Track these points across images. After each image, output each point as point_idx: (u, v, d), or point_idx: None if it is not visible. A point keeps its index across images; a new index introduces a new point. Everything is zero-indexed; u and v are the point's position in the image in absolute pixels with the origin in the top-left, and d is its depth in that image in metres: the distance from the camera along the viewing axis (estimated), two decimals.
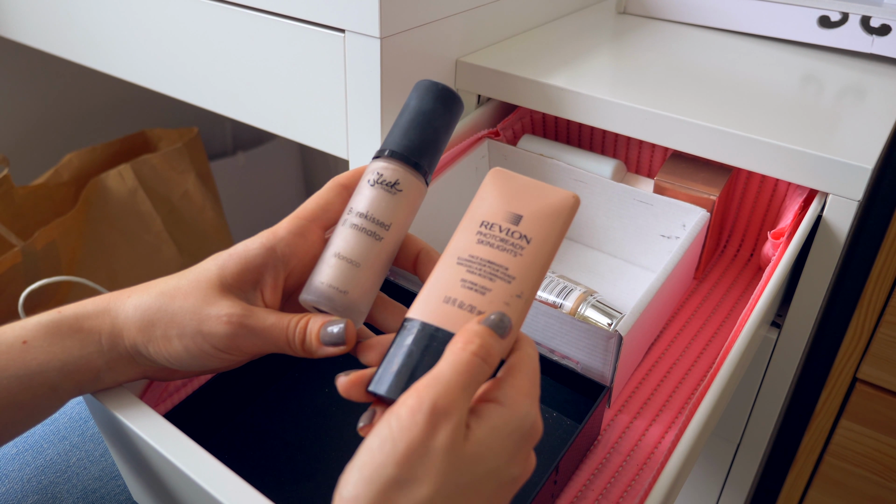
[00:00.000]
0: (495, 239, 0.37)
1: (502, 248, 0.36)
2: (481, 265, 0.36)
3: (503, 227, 0.37)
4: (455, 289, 0.36)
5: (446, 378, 0.31)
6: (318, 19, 0.64)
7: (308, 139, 0.73)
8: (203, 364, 0.39)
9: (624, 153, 0.76)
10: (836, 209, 0.58)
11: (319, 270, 0.40)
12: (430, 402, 0.30)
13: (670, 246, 0.65)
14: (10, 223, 1.03)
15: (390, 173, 0.41)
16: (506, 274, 0.36)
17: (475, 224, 0.37)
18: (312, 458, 0.48)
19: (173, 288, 0.39)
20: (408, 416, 0.30)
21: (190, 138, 1.20)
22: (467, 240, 0.37)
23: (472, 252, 0.36)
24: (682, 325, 0.63)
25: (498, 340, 0.34)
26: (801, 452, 0.80)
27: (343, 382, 0.34)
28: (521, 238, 0.37)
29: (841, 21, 0.78)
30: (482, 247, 0.37)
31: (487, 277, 0.36)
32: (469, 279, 0.36)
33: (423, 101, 0.43)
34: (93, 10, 0.83)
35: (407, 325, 0.35)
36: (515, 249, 0.36)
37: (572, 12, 0.90)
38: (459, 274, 0.36)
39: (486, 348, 0.33)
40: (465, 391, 0.32)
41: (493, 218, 0.37)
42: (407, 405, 0.31)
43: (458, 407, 0.31)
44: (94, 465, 0.53)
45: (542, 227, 0.37)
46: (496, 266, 0.36)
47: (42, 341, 0.38)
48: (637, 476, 0.49)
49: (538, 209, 0.37)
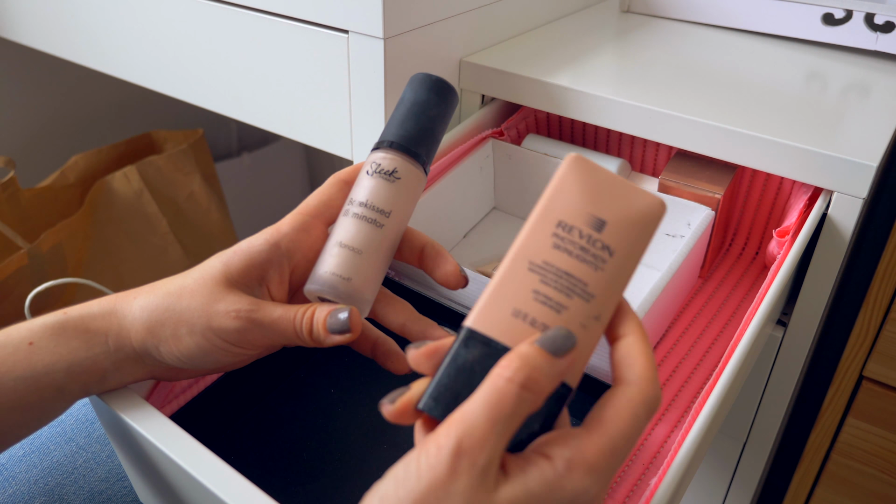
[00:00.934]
0: (574, 246, 0.31)
1: (582, 259, 0.31)
2: (557, 276, 0.31)
3: (584, 232, 0.32)
4: (527, 301, 0.31)
5: (474, 413, 0.28)
6: (321, 20, 0.64)
7: (312, 140, 0.73)
8: (216, 360, 0.40)
9: (628, 152, 0.76)
10: (841, 207, 0.58)
11: (323, 260, 0.41)
12: (455, 441, 0.27)
13: (675, 244, 0.65)
14: (17, 225, 1.04)
15: (388, 162, 0.42)
16: (584, 291, 0.31)
17: (551, 223, 0.32)
18: (318, 459, 0.49)
19: (179, 287, 0.39)
20: (435, 454, 0.27)
21: (195, 140, 1.20)
22: (541, 242, 0.32)
23: (548, 258, 0.31)
24: (688, 323, 0.63)
25: (551, 363, 0.29)
26: (808, 450, 0.80)
27: (390, 411, 0.31)
28: (603, 249, 0.31)
29: (845, 18, 0.78)
30: (559, 253, 0.31)
31: (564, 293, 0.31)
32: (543, 292, 0.31)
33: (418, 92, 0.44)
34: (97, 12, 0.83)
35: (466, 337, 0.31)
36: (597, 262, 0.31)
37: (576, 11, 0.90)
38: (532, 283, 0.31)
39: (527, 372, 0.29)
40: (494, 427, 0.28)
41: (573, 220, 0.32)
42: (437, 441, 0.28)
43: (486, 447, 0.27)
44: (101, 467, 0.53)
45: (627, 237, 0.32)
46: (575, 280, 0.31)
47: (48, 343, 0.38)
48: (643, 475, 0.49)
49: (624, 215, 0.32)
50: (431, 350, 0.32)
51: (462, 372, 0.30)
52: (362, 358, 0.55)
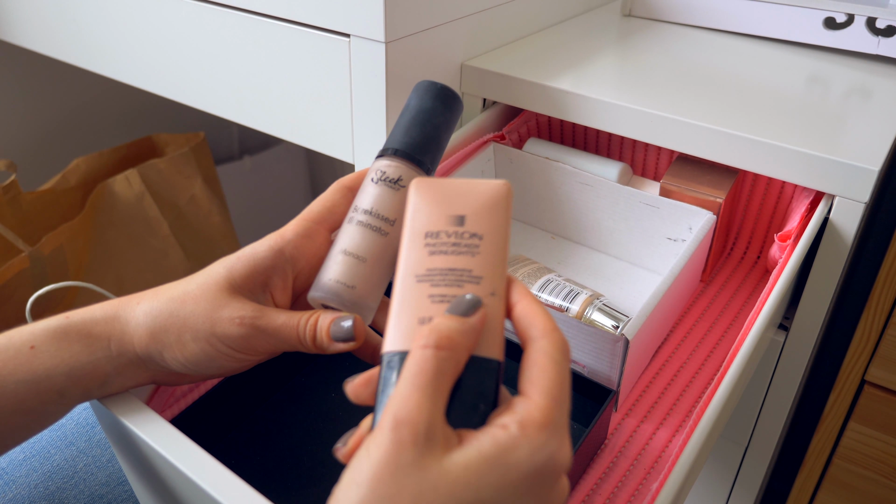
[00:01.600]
0: (447, 245, 0.34)
1: (458, 252, 0.34)
2: (443, 275, 0.33)
3: (450, 231, 0.34)
4: (426, 307, 0.33)
5: (401, 387, 0.29)
6: (323, 24, 0.64)
7: (313, 144, 0.73)
8: (220, 365, 0.40)
9: (630, 156, 0.76)
10: (843, 211, 0.58)
11: (326, 268, 0.41)
12: (391, 417, 0.28)
13: (677, 249, 0.64)
14: (18, 228, 1.04)
15: (393, 170, 0.42)
16: (471, 276, 0.33)
17: (419, 238, 0.34)
18: (318, 463, 0.48)
19: (183, 293, 0.39)
20: (378, 434, 0.28)
21: (196, 143, 1.20)
22: (418, 255, 0.34)
23: (429, 265, 0.34)
24: (689, 327, 0.63)
25: (458, 321, 0.31)
26: (810, 455, 0.80)
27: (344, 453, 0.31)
28: (472, 237, 0.34)
29: (847, 22, 0.78)
30: (436, 257, 0.34)
31: (455, 285, 0.33)
32: (436, 293, 0.33)
33: (423, 100, 0.44)
34: (99, 16, 0.83)
35: (386, 361, 0.32)
36: (471, 249, 0.34)
37: (577, 15, 0.90)
38: (424, 291, 0.33)
39: (438, 334, 0.30)
40: (423, 391, 0.29)
41: (436, 226, 0.34)
42: (378, 426, 0.29)
43: (421, 412, 0.28)
44: (101, 471, 0.53)
45: (488, 220, 0.35)
46: (459, 271, 0.33)
47: (50, 346, 0.38)
48: (644, 480, 0.49)
49: (477, 205, 0.35)
50: (365, 379, 0.33)
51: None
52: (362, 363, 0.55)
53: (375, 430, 0.29)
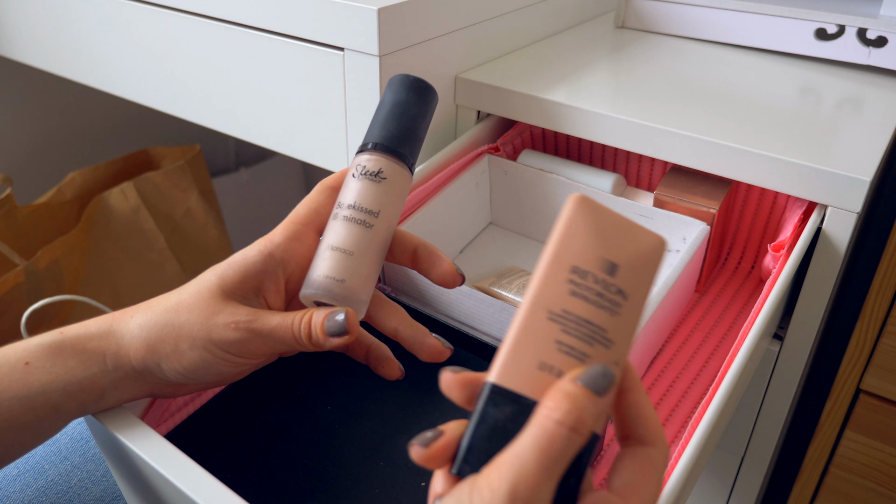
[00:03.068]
0: (591, 292, 0.31)
1: (599, 305, 0.31)
2: (578, 325, 0.30)
3: (598, 277, 0.31)
4: (550, 352, 0.30)
5: (526, 456, 0.27)
6: (317, 38, 0.65)
7: (308, 156, 0.73)
8: (219, 372, 0.40)
9: (623, 167, 0.77)
10: (836, 221, 0.58)
11: (316, 265, 0.41)
12: (510, 486, 0.27)
13: (671, 259, 0.65)
14: (13, 242, 1.04)
15: (372, 164, 0.42)
16: (604, 337, 0.31)
17: (565, 270, 0.31)
18: (315, 477, 0.48)
19: (176, 302, 0.40)
20: (489, 497, 0.27)
21: (192, 156, 1.20)
22: (558, 289, 0.31)
23: (566, 307, 0.31)
24: (684, 338, 0.63)
25: (594, 402, 0.29)
26: (806, 464, 0.80)
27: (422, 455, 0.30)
28: (618, 293, 0.31)
29: (838, 33, 0.78)
30: (577, 301, 0.31)
31: (586, 341, 0.30)
32: (566, 342, 0.30)
33: (398, 93, 0.44)
34: (95, 30, 0.84)
35: (493, 394, 0.30)
36: (613, 307, 0.31)
37: (570, 27, 0.91)
38: (553, 334, 0.30)
39: (576, 414, 0.28)
40: (548, 471, 0.27)
41: (587, 265, 0.31)
42: (489, 484, 0.27)
43: (539, 491, 0.27)
44: (96, 486, 0.53)
45: (638, 280, 0.31)
46: (594, 327, 0.31)
47: (44, 362, 0.38)
48: None
49: (633, 257, 0.32)
50: (467, 380, 0.31)
51: (495, 433, 0.30)
52: (359, 374, 0.55)
53: (484, 487, 0.27)
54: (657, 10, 0.88)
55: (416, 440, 0.30)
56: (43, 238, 1.08)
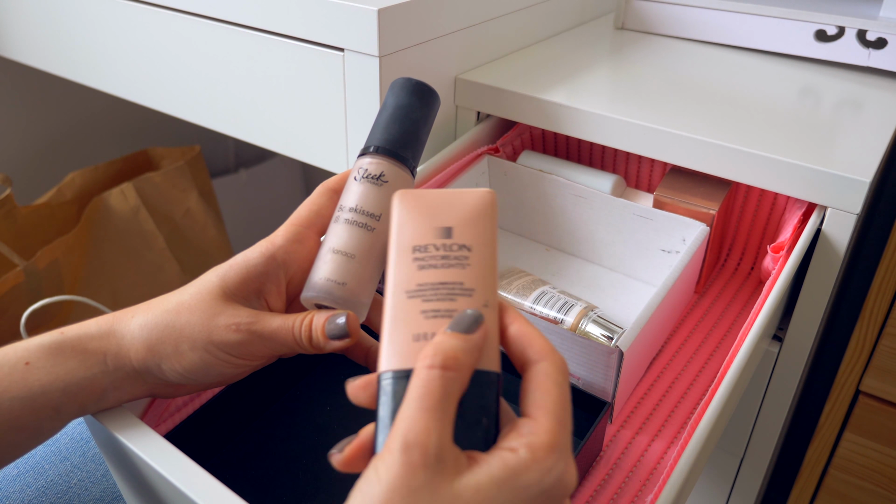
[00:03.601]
0: (435, 259, 0.33)
1: (447, 265, 0.33)
2: (434, 289, 0.33)
3: (437, 244, 0.34)
4: (420, 323, 0.32)
5: (409, 407, 0.29)
6: (317, 39, 0.65)
7: (308, 157, 0.73)
8: (219, 373, 0.40)
9: (623, 168, 0.77)
10: (836, 222, 0.58)
11: (317, 267, 0.41)
12: (401, 439, 0.28)
13: (671, 260, 0.65)
14: (13, 242, 1.04)
15: (374, 167, 0.42)
16: (463, 289, 0.33)
17: (407, 252, 0.34)
18: (313, 478, 0.48)
19: (177, 303, 0.40)
20: (387, 456, 0.28)
21: (192, 156, 1.20)
22: (407, 270, 0.33)
23: (419, 280, 0.33)
24: (684, 339, 0.63)
25: (462, 339, 0.31)
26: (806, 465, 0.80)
27: (339, 460, 0.31)
28: (461, 249, 0.34)
29: (837, 35, 0.78)
30: (426, 271, 0.33)
31: (447, 299, 0.33)
32: (429, 308, 0.33)
33: (399, 97, 0.44)
34: (95, 30, 0.84)
35: (384, 383, 0.32)
36: (461, 261, 0.33)
37: (570, 28, 0.91)
38: (417, 307, 0.33)
39: (444, 354, 0.30)
40: (431, 413, 0.29)
41: (423, 239, 0.34)
42: (387, 448, 0.28)
43: (431, 434, 0.28)
44: (96, 486, 0.53)
45: (475, 231, 0.34)
46: (450, 285, 0.33)
47: (45, 362, 0.38)
48: (640, 492, 0.49)
49: (463, 215, 0.34)
50: (365, 382, 0.32)
51: (396, 410, 0.31)
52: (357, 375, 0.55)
53: (384, 451, 0.28)
54: (657, 11, 0.88)
55: (333, 448, 0.31)
56: (43, 238, 1.08)
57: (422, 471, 0.27)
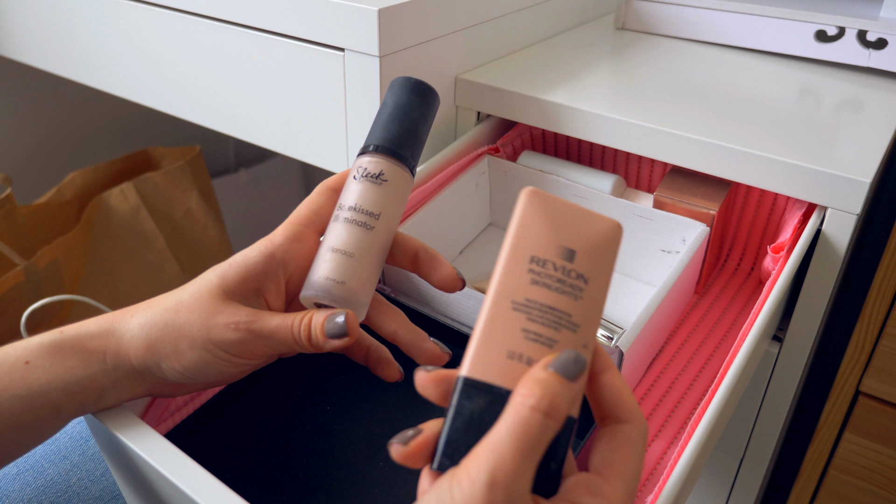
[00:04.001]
0: (552, 279, 0.31)
1: (561, 291, 0.31)
2: (542, 312, 0.31)
3: (557, 264, 0.32)
4: (518, 341, 0.31)
5: (503, 443, 0.28)
6: (318, 39, 0.65)
7: (308, 157, 0.73)
8: (219, 372, 0.40)
9: (623, 168, 0.77)
10: (836, 223, 0.58)
11: (316, 266, 0.41)
12: (489, 474, 0.27)
13: (670, 261, 0.65)
14: (13, 242, 1.04)
15: (374, 166, 0.42)
16: (570, 322, 0.31)
17: (524, 260, 0.32)
18: (314, 477, 0.48)
19: (176, 302, 0.40)
20: (469, 487, 0.27)
21: (192, 156, 1.20)
22: (519, 280, 0.31)
23: (529, 295, 0.31)
24: (684, 339, 0.63)
25: (567, 387, 0.30)
26: (805, 466, 0.80)
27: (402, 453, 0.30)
28: (578, 278, 0.32)
29: (838, 35, 0.78)
30: (539, 289, 0.31)
31: (552, 327, 0.31)
32: (532, 329, 0.31)
33: (399, 96, 0.44)
34: (95, 30, 0.84)
35: (466, 387, 0.30)
36: (575, 292, 0.32)
37: (570, 29, 0.91)
38: (519, 323, 0.31)
39: (549, 399, 0.29)
40: (525, 457, 0.28)
41: (545, 253, 0.32)
42: (468, 475, 0.28)
43: (518, 477, 0.28)
44: (95, 485, 0.53)
45: (597, 263, 0.32)
46: (559, 313, 0.31)
47: (44, 361, 0.38)
48: (640, 492, 0.49)
49: (590, 242, 0.32)
50: (440, 377, 0.32)
51: (472, 424, 0.30)
52: (358, 375, 0.55)
53: (464, 477, 0.28)
54: (657, 11, 0.88)
55: (395, 439, 0.30)
56: (43, 238, 1.08)
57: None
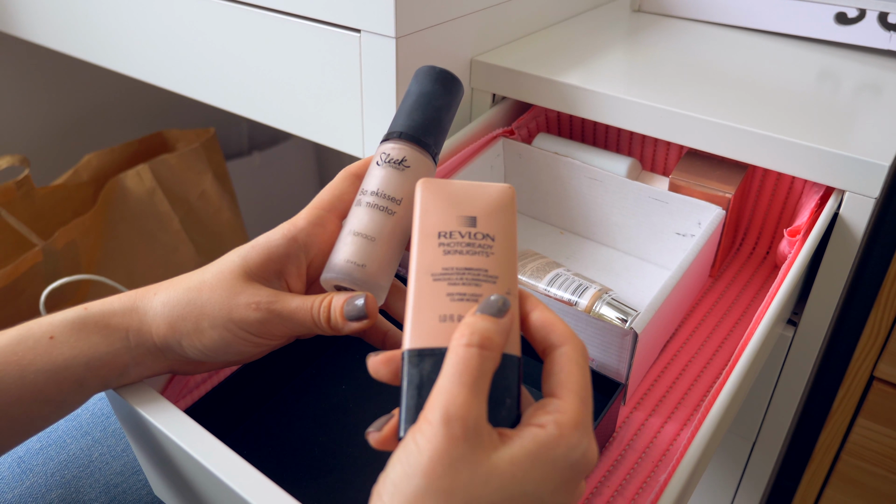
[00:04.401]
0: (461, 245, 0.35)
1: (472, 252, 0.35)
2: (460, 274, 0.34)
3: (463, 231, 0.35)
4: (446, 305, 0.34)
5: (449, 381, 0.30)
6: (333, 20, 0.65)
7: (323, 139, 0.73)
8: (238, 351, 0.41)
9: (639, 151, 0.76)
10: (853, 206, 0.58)
11: (337, 249, 0.41)
12: (442, 412, 0.29)
13: (685, 244, 0.65)
14: (31, 223, 1.05)
15: (397, 152, 0.43)
16: (487, 276, 0.34)
17: (432, 237, 0.35)
18: (329, 454, 0.49)
19: (199, 282, 0.40)
20: (427, 429, 0.29)
21: (207, 138, 1.21)
22: (433, 254, 0.35)
23: (444, 264, 0.34)
24: (698, 322, 0.63)
25: (494, 322, 0.32)
26: (818, 451, 0.80)
27: (377, 438, 0.33)
28: (485, 238, 0.35)
29: (858, 17, 0.78)
30: (452, 256, 0.35)
31: (472, 284, 0.34)
32: (455, 291, 0.34)
33: (423, 84, 0.45)
34: (111, 11, 0.84)
35: (409, 357, 0.33)
36: (485, 250, 0.35)
37: (586, 10, 0.90)
38: (443, 289, 0.34)
39: (480, 334, 0.31)
40: (471, 389, 0.30)
41: (448, 226, 0.35)
42: (426, 419, 0.30)
43: (470, 408, 0.30)
44: (116, 461, 0.54)
45: (498, 221, 0.36)
46: (475, 271, 0.34)
47: (69, 337, 0.39)
48: (652, 473, 0.49)
49: (487, 206, 0.36)
50: (388, 357, 0.34)
51: (423, 388, 0.32)
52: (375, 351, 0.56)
53: (422, 423, 0.30)
54: None
55: (371, 427, 0.33)
56: (60, 219, 1.09)
57: (462, 443, 0.29)
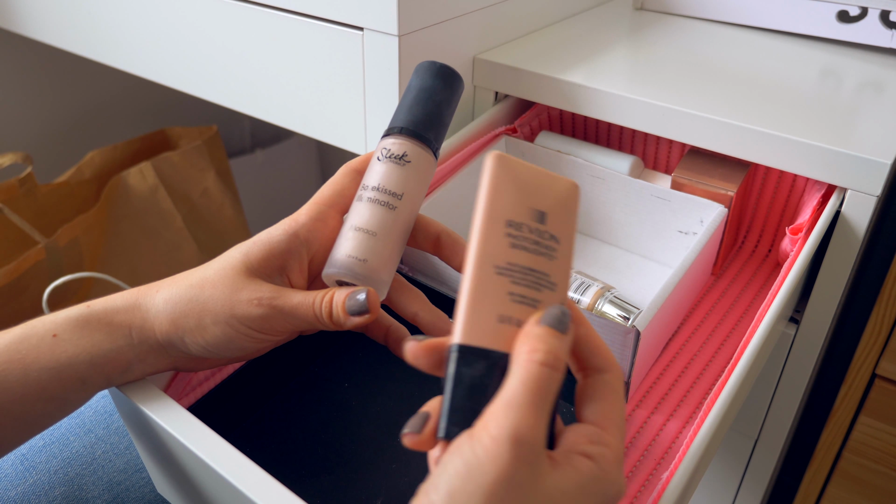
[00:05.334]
0: (528, 242, 0.32)
1: (538, 252, 0.32)
2: (524, 274, 0.32)
3: (532, 226, 0.32)
4: (506, 304, 0.31)
5: (520, 400, 0.29)
6: (336, 18, 0.65)
7: (326, 136, 0.74)
8: (240, 347, 0.41)
9: (641, 149, 0.76)
10: (855, 204, 0.58)
11: (339, 245, 0.42)
12: (511, 430, 0.28)
13: (688, 242, 0.65)
14: (34, 220, 1.05)
15: (397, 147, 0.43)
16: (549, 281, 0.32)
17: (501, 224, 0.32)
18: (332, 452, 0.49)
19: (201, 278, 0.40)
20: (492, 445, 0.28)
21: (209, 136, 1.21)
22: (499, 244, 0.32)
23: (510, 259, 0.32)
24: (700, 320, 0.63)
25: (562, 340, 0.31)
26: (820, 448, 0.80)
27: (416, 441, 0.31)
28: (551, 239, 0.33)
29: (860, 16, 0.77)
30: (518, 252, 0.32)
31: (534, 287, 0.32)
32: (517, 292, 0.32)
33: (424, 79, 0.45)
34: (114, 9, 0.84)
35: (463, 354, 0.31)
36: (550, 252, 0.32)
37: (589, 8, 0.90)
38: (505, 286, 0.31)
39: (553, 353, 0.30)
40: (541, 410, 0.29)
41: (519, 217, 0.32)
42: (489, 433, 0.28)
43: (538, 431, 0.29)
44: (119, 458, 0.54)
45: (564, 223, 0.33)
46: (539, 274, 0.32)
47: (72, 335, 0.39)
48: (654, 471, 0.49)
49: (557, 203, 0.33)
50: (432, 346, 0.32)
51: (473, 390, 0.30)
52: (376, 352, 0.56)
53: (485, 437, 0.28)
54: None
55: (407, 428, 0.31)
56: (63, 216, 1.09)
57: (527, 467, 0.28)
